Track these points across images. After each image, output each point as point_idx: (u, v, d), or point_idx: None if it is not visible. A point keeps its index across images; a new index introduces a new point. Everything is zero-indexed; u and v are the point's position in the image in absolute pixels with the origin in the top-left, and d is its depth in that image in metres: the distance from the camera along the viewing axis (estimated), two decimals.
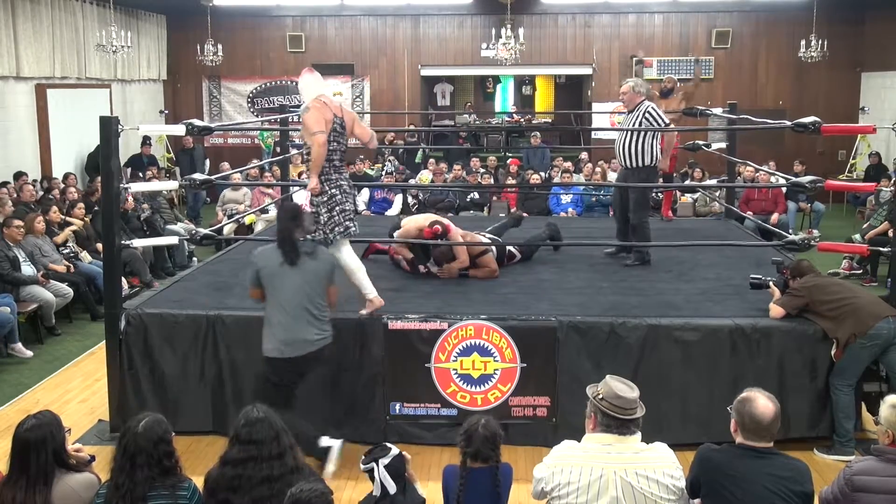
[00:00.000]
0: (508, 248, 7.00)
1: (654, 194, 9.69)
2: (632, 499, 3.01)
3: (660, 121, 6.90)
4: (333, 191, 5.35)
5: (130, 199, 10.15)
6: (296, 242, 4.88)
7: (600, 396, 3.17)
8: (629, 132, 6.89)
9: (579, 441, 3.25)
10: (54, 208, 9.34)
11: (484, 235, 7.06)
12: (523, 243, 7.18)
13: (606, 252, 7.33)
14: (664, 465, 3.07)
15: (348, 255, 5.47)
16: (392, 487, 3.78)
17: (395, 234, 6.80)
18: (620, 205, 7.30)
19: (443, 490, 3.83)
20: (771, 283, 5.67)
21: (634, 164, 6.91)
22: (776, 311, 5.47)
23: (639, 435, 3.15)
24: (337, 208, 5.36)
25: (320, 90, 5.38)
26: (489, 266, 6.63)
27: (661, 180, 8.71)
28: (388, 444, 3.96)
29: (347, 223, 5.42)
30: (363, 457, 3.92)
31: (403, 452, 3.93)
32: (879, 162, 13.83)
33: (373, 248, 7.27)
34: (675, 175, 10.65)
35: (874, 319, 5.15)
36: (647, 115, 6.87)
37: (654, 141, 6.93)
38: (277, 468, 3.31)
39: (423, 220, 6.64)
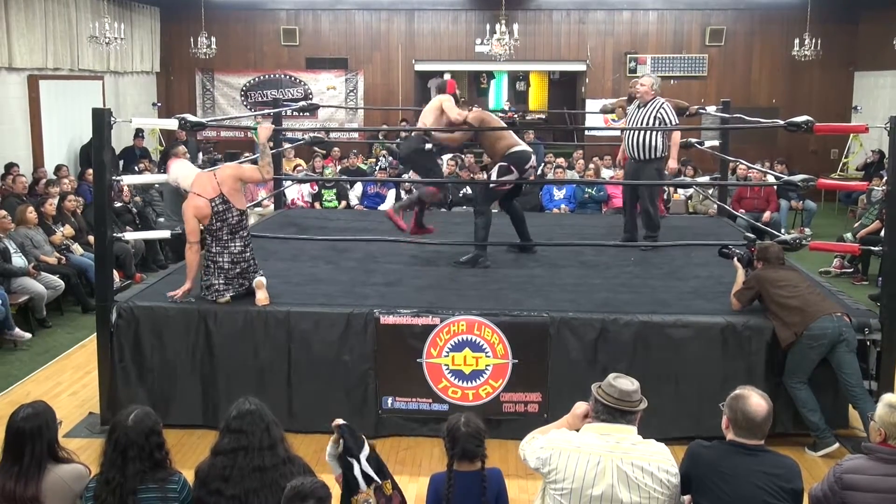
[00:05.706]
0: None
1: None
2: (626, 488, 3.04)
3: (673, 118, 7.30)
4: (208, 262, 5.60)
5: (126, 190, 10.10)
6: None
7: (601, 391, 3.21)
8: (641, 125, 7.27)
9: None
10: (50, 201, 9.29)
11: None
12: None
13: (617, 242, 7.59)
14: (659, 460, 3.10)
15: None
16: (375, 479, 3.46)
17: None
18: (631, 197, 7.68)
19: (431, 497, 3.65)
20: (735, 259, 5.76)
21: (648, 157, 7.30)
22: (733, 303, 5.58)
23: (635, 428, 3.18)
24: (205, 277, 5.60)
25: (192, 172, 5.59)
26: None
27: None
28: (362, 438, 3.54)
29: (219, 288, 5.59)
30: (332, 451, 3.54)
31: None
32: (881, 160, 13.49)
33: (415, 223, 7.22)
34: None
35: (814, 317, 5.15)
36: (661, 110, 7.25)
37: (664, 134, 7.33)
38: (269, 459, 3.30)
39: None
